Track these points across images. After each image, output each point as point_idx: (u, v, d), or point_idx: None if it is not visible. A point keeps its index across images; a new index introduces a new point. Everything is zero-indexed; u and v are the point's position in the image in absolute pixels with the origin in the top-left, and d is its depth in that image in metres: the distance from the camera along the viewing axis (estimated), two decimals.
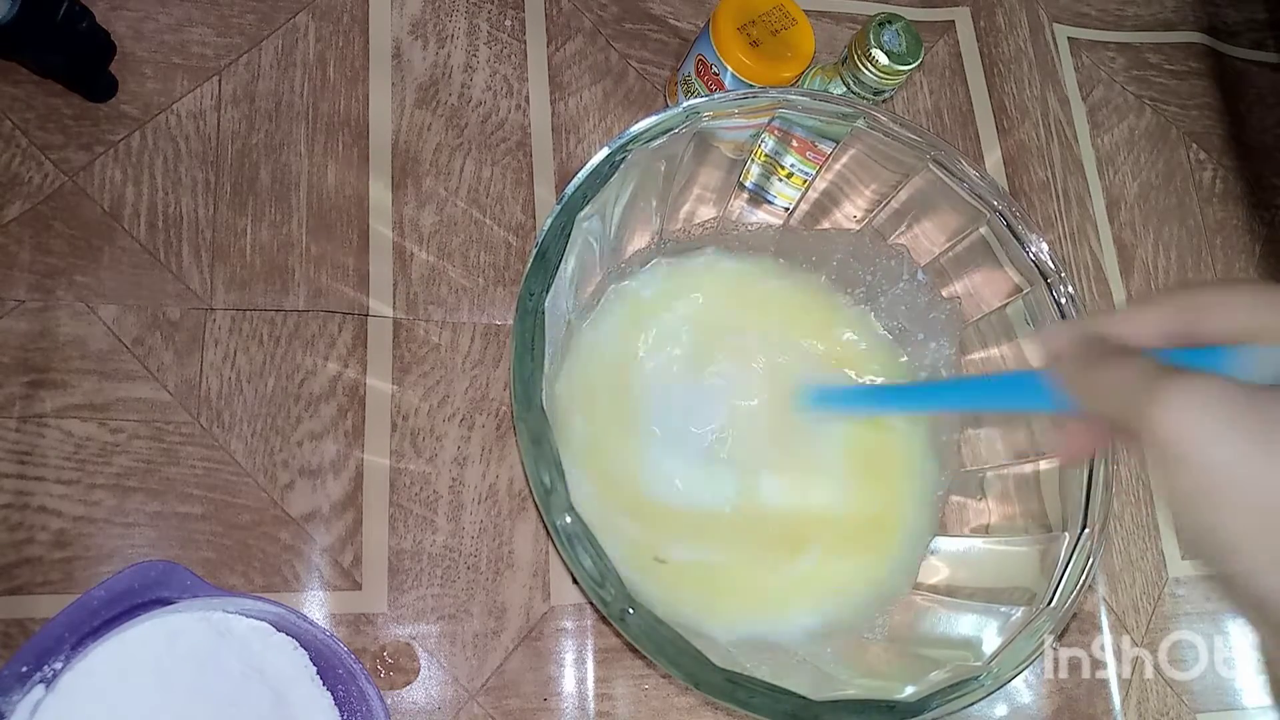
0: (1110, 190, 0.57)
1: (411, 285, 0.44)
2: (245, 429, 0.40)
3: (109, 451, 0.39)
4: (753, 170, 0.44)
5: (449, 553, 0.41)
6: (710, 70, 0.44)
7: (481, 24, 0.49)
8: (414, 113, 0.46)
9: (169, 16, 0.44)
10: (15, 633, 0.36)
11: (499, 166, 0.47)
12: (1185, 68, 0.62)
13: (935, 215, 0.41)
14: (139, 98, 0.43)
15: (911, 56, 0.41)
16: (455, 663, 0.40)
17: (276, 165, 0.44)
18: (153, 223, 0.42)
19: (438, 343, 0.43)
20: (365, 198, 0.44)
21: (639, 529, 0.39)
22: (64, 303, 0.40)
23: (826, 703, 0.31)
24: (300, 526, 0.40)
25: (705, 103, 0.36)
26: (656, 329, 0.43)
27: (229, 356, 0.41)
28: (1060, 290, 0.37)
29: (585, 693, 0.41)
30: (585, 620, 0.42)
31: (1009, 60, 0.57)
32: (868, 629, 0.40)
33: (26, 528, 0.37)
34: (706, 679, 0.31)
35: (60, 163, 0.41)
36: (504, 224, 0.46)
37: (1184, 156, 0.60)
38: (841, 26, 0.55)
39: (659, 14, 0.52)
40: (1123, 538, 0.50)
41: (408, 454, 0.42)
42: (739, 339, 0.43)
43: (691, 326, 0.43)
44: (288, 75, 0.45)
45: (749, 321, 0.44)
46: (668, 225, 0.43)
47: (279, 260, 0.43)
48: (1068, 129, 0.57)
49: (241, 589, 0.38)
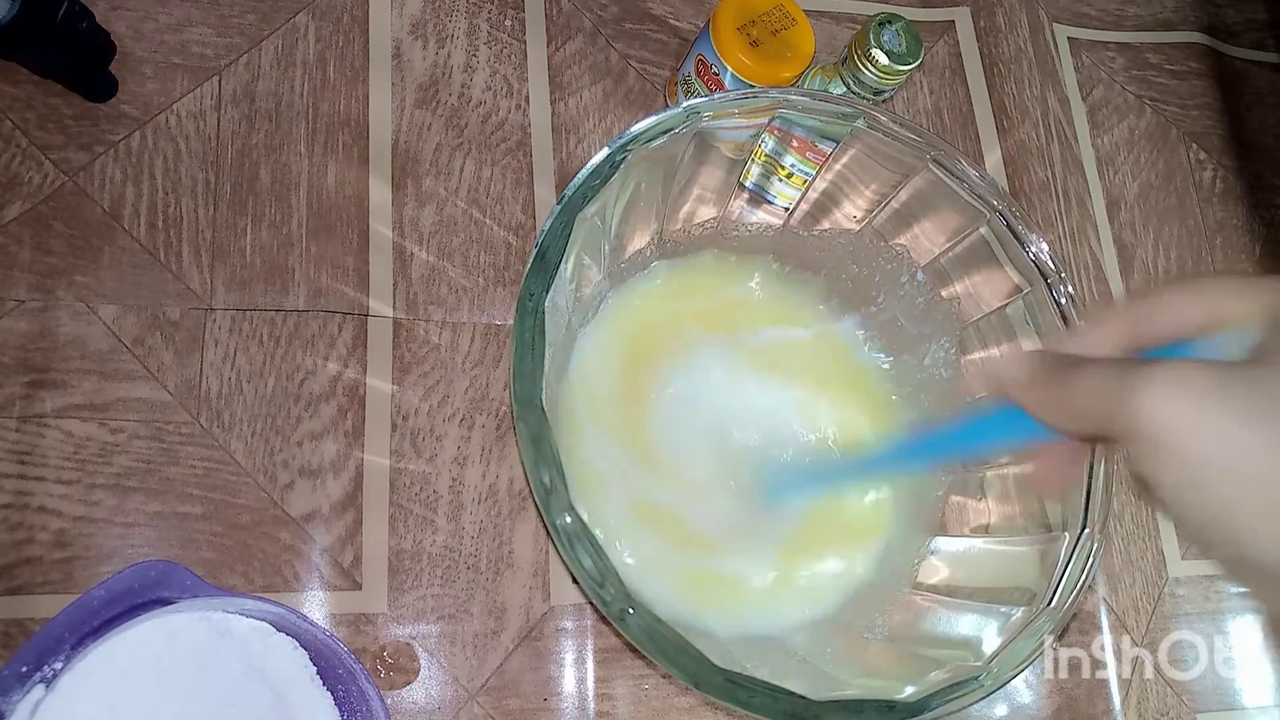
0: (1110, 190, 0.57)
1: (411, 285, 0.44)
2: (245, 429, 0.40)
3: (109, 451, 0.39)
4: (753, 170, 0.44)
5: (449, 553, 0.41)
6: (710, 70, 0.44)
7: (481, 24, 0.49)
8: (414, 113, 0.46)
9: (169, 16, 0.44)
10: (15, 632, 0.36)
11: (499, 166, 0.47)
12: (1185, 68, 0.62)
13: (935, 215, 0.41)
14: (139, 98, 0.43)
15: (911, 56, 0.41)
16: (455, 663, 0.40)
17: (276, 165, 0.44)
18: (153, 223, 0.42)
19: (438, 343, 0.43)
20: (365, 198, 0.44)
21: (636, 517, 0.39)
22: (64, 303, 0.40)
23: (826, 703, 0.31)
24: (300, 526, 0.40)
25: (705, 103, 0.36)
26: (655, 332, 0.43)
27: (229, 356, 0.41)
28: (1060, 290, 0.37)
29: (585, 693, 0.41)
30: (585, 620, 0.42)
31: (1009, 60, 0.57)
32: (867, 628, 0.40)
33: (26, 528, 0.37)
34: (706, 679, 0.31)
35: (60, 163, 0.41)
36: (504, 224, 0.46)
37: (1184, 156, 0.60)
38: (841, 26, 0.55)
39: (659, 14, 0.52)
40: (1123, 538, 0.50)
41: (408, 454, 0.42)
42: (732, 344, 0.43)
43: (689, 331, 0.43)
44: (288, 75, 0.45)
45: (744, 326, 0.44)
46: (668, 225, 0.42)
47: (279, 260, 0.43)
48: (1068, 129, 0.57)
49: (241, 589, 0.38)
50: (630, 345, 0.42)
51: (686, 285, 0.44)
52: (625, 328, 0.42)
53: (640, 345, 0.42)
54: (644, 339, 0.43)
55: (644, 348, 0.42)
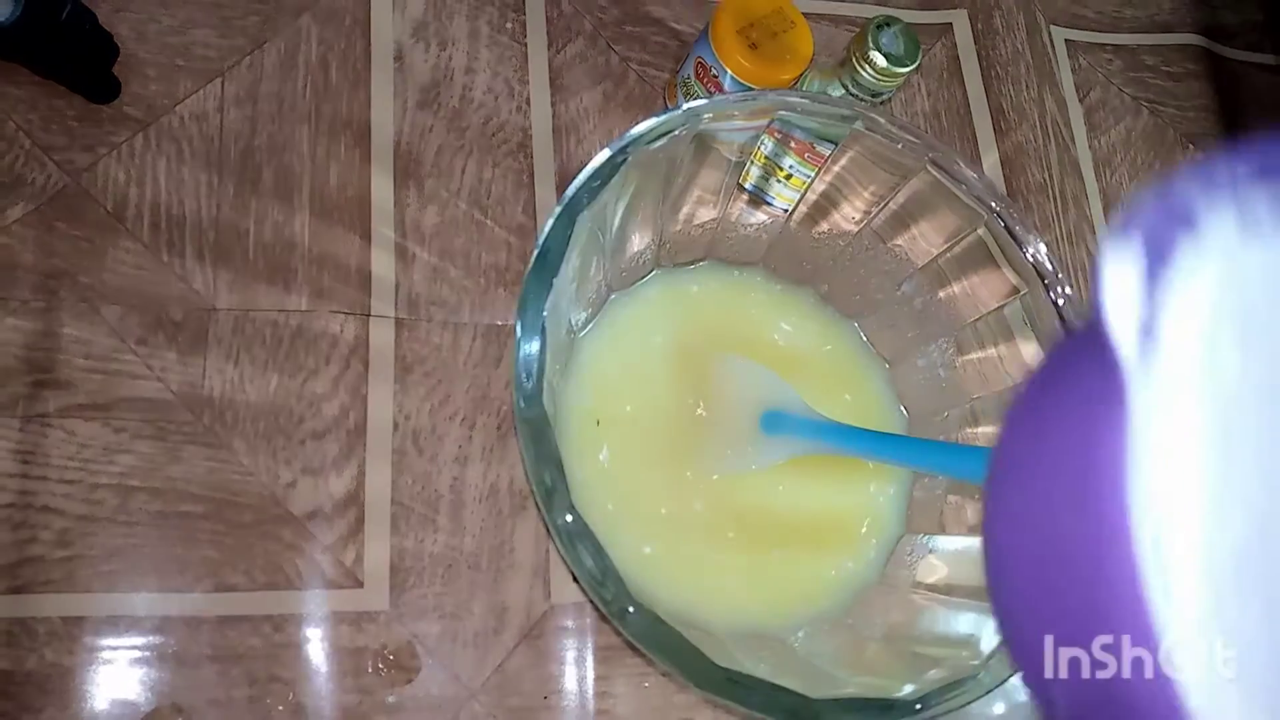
0: (1107, 192, 0.58)
1: (413, 286, 0.44)
2: (248, 428, 0.40)
3: (112, 451, 0.39)
4: (752, 172, 0.44)
5: (450, 551, 0.41)
6: (709, 73, 0.44)
7: (482, 27, 0.49)
8: (416, 115, 0.46)
9: (172, 19, 0.44)
10: (18, 631, 0.36)
11: (500, 168, 0.47)
12: (1182, 69, 0.62)
13: (933, 217, 0.41)
14: (142, 99, 0.43)
15: (909, 59, 0.41)
16: (456, 661, 0.40)
17: (279, 166, 0.44)
18: (156, 224, 0.42)
19: (439, 343, 0.44)
20: (367, 199, 0.45)
21: (629, 517, 0.40)
22: (67, 303, 0.40)
23: (825, 701, 0.32)
24: (302, 525, 0.40)
25: (705, 105, 0.36)
26: (655, 333, 0.43)
27: (232, 356, 0.41)
28: (1058, 291, 0.38)
29: (586, 691, 0.41)
30: (586, 619, 0.42)
31: (1006, 62, 0.57)
32: (866, 627, 0.40)
33: (29, 527, 0.37)
34: (706, 677, 0.31)
35: (63, 164, 0.41)
36: (505, 225, 0.46)
37: (1181, 158, 0.60)
38: (840, 29, 0.55)
39: (659, 17, 0.52)
40: None
41: (409, 453, 0.42)
42: (728, 349, 0.43)
43: (689, 333, 0.43)
44: (290, 77, 0.45)
45: (740, 333, 0.44)
46: (668, 226, 0.43)
47: (282, 261, 0.43)
48: (1065, 131, 0.58)
49: (243, 587, 0.39)
50: (630, 346, 0.43)
51: (686, 289, 0.44)
52: (626, 329, 0.43)
53: (640, 346, 0.43)
54: (644, 340, 0.43)
55: (644, 348, 0.43)
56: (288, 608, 0.39)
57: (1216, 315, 0.13)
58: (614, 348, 0.42)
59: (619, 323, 0.43)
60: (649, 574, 0.39)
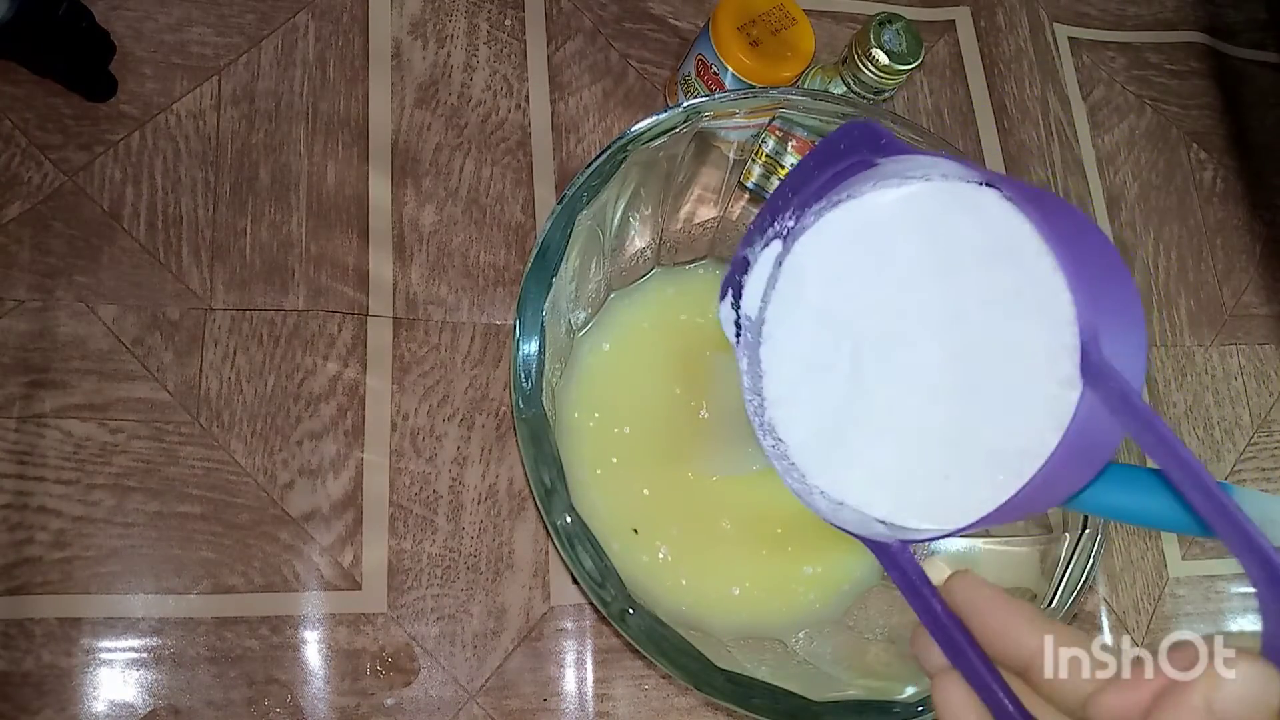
0: (1111, 190, 0.57)
1: (411, 285, 0.44)
2: (245, 429, 0.40)
3: (108, 451, 0.39)
4: (753, 170, 0.44)
5: (449, 553, 0.41)
6: (710, 70, 0.44)
7: (481, 24, 0.49)
8: (414, 112, 0.46)
9: (168, 16, 0.44)
10: (15, 633, 0.36)
11: (499, 166, 0.47)
12: (1186, 67, 0.62)
13: None
14: (138, 97, 0.43)
15: (912, 56, 0.41)
16: (455, 663, 0.40)
17: (276, 165, 0.44)
18: (152, 222, 0.42)
19: (437, 342, 0.43)
20: (365, 197, 0.44)
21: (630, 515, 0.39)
22: (63, 303, 0.40)
23: (827, 703, 0.31)
24: (300, 526, 0.40)
25: (706, 102, 0.36)
26: (654, 335, 0.43)
27: (229, 356, 0.41)
28: None
29: (585, 693, 0.41)
30: (585, 620, 0.42)
31: (1009, 60, 0.57)
32: (867, 629, 0.40)
33: (26, 528, 0.37)
34: (707, 679, 0.31)
35: (60, 162, 0.41)
36: (504, 224, 0.46)
37: (1184, 156, 0.60)
38: (842, 26, 0.55)
39: (659, 14, 0.52)
40: (1123, 538, 0.50)
41: (407, 454, 0.42)
42: (729, 349, 0.43)
43: (688, 335, 0.43)
44: (287, 75, 0.45)
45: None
46: (668, 226, 0.42)
47: (279, 260, 0.43)
48: (1068, 129, 0.57)
49: (241, 588, 0.38)
50: (630, 346, 0.42)
51: (685, 291, 0.44)
52: (626, 329, 0.42)
53: (640, 346, 0.42)
54: (644, 340, 0.43)
55: (644, 349, 0.42)
56: (285, 609, 0.39)
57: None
58: (614, 348, 0.42)
59: (619, 322, 0.42)
60: (649, 575, 0.39)
